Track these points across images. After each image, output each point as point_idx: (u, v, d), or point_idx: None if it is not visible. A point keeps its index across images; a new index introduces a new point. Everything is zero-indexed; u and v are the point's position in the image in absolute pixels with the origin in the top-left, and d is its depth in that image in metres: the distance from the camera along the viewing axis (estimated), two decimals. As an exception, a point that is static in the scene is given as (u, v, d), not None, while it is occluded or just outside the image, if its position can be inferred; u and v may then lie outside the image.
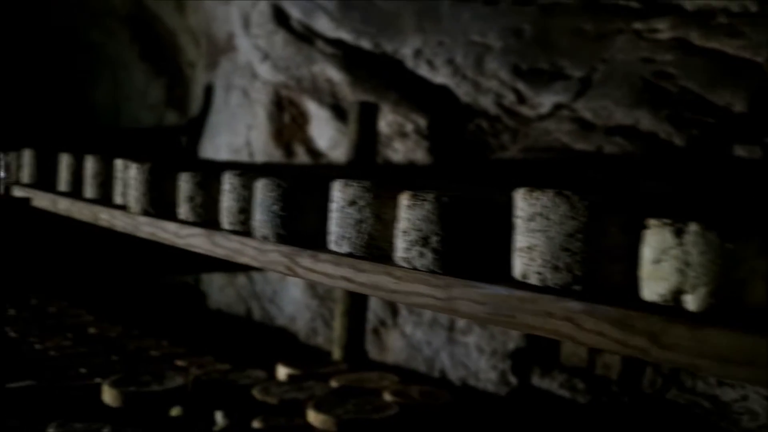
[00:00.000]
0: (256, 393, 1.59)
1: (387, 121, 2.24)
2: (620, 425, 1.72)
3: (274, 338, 2.78)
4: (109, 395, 1.53)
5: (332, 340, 2.47)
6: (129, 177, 1.05)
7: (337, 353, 1.92)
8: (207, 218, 0.91)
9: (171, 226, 0.94)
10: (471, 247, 0.57)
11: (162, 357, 1.96)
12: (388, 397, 1.59)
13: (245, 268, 2.06)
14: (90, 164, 1.17)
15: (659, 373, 1.72)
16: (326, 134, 2.52)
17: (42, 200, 1.29)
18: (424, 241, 0.59)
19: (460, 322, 2.17)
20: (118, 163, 1.09)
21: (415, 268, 0.60)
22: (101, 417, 1.45)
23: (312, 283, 0.68)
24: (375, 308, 2.28)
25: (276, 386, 1.64)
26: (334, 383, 1.69)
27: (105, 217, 1.08)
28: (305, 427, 1.44)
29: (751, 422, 1.56)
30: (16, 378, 1.62)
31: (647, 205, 0.48)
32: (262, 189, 0.75)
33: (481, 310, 0.54)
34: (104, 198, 1.16)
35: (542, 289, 0.51)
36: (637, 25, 1.81)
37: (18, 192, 1.41)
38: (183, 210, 0.93)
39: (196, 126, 3.00)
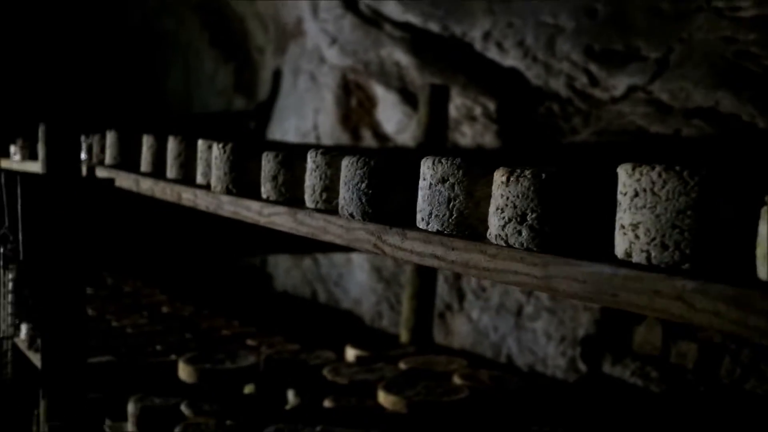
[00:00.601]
0: (326, 373, 1.61)
1: (455, 104, 2.23)
2: (696, 416, 1.68)
3: (340, 321, 2.80)
4: (184, 372, 1.57)
5: (398, 323, 2.48)
6: (211, 157, 1.06)
7: (404, 336, 1.93)
8: (290, 197, 0.92)
9: (254, 204, 0.95)
10: (570, 225, 0.56)
11: (233, 336, 2.00)
12: (457, 380, 1.59)
13: (323, 248, 2.07)
14: (172, 145, 1.19)
15: (738, 363, 1.67)
16: (394, 118, 2.51)
17: (125, 180, 1.33)
18: (520, 219, 0.58)
19: (528, 308, 2.15)
20: (200, 143, 1.11)
21: (510, 246, 0.59)
22: (178, 392, 1.49)
23: (399, 261, 0.67)
24: (441, 293, 2.28)
25: (346, 367, 1.65)
26: (402, 366, 1.69)
27: (188, 196, 1.10)
28: (376, 407, 1.44)
29: (837, 416, 1.50)
30: (96, 354, 1.68)
31: (763, 180, 0.46)
32: (349, 167, 0.76)
33: (581, 289, 0.53)
34: (186, 178, 1.18)
35: (649, 268, 0.49)
36: (718, 3, 1.75)
37: (101, 173, 1.45)
38: (266, 189, 0.94)
39: (265, 110, 3.04)
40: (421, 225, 0.70)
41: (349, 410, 1.42)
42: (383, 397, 1.46)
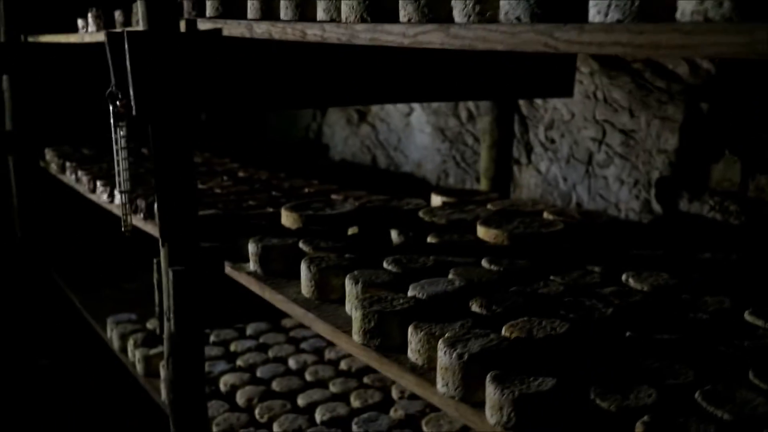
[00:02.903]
0: (422, 215, 1.69)
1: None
2: (773, 244, 1.75)
3: (402, 183, 2.88)
4: (288, 219, 1.65)
5: (465, 180, 2.54)
6: (334, -9, 1.09)
7: (484, 184, 2.00)
8: (432, 17, 0.95)
9: (395, 27, 0.98)
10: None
11: (317, 193, 2.08)
12: (549, 216, 1.66)
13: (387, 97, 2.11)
14: (286, -15, 1.21)
15: (818, 193, 1.72)
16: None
17: (236, 28, 1.35)
18: (722, -8, 0.61)
19: (599, 156, 2.19)
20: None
21: (708, 20, 0.63)
22: (287, 236, 1.57)
23: (577, 51, 0.68)
24: (509, 147, 2.32)
25: (440, 209, 1.73)
26: (491, 207, 1.76)
27: (315, 31, 1.13)
28: (478, 241, 1.52)
29: None
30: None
31: None
32: (513, -28, 0.78)
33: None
34: (303, 18, 1.21)
35: None
36: None
37: (203, 25, 1.48)
38: (406, 12, 0.97)
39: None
40: (597, 19, 0.73)
41: (454, 243, 1.50)
42: (484, 232, 1.53)
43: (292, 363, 2.12)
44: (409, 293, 1.21)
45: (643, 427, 0.80)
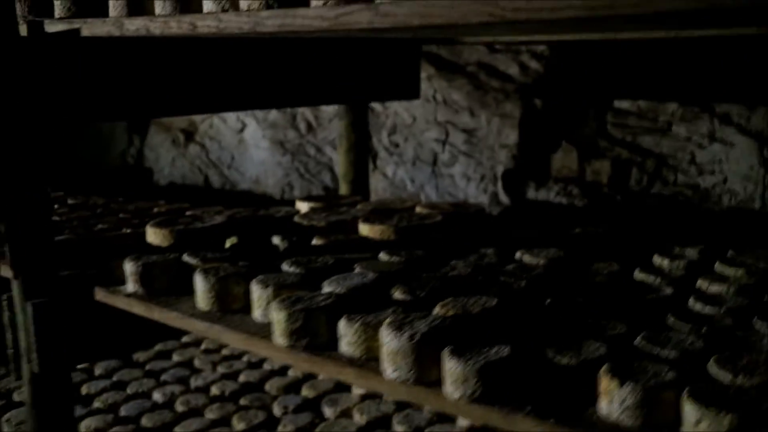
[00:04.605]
0: (298, 220, 1.65)
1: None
2: (614, 219, 1.93)
3: (241, 200, 2.79)
4: (157, 236, 1.53)
5: (311, 190, 2.53)
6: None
7: (344, 189, 2.00)
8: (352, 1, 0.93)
9: (310, 11, 0.96)
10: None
11: (171, 212, 1.95)
12: (422, 210, 1.70)
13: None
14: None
15: (644, 172, 1.93)
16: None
17: (100, 27, 1.24)
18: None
19: (443, 156, 2.29)
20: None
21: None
22: (159, 251, 1.46)
23: (524, 17, 0.70)
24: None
25: (314, 214, 1.70)
26: (363, 207, 1.77)
27: (209, 23, 1.07)
28: (364, 239, 1.52)
29: (732, 201, 1.81)
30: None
31: None
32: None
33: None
34: (186, 11, 1.14)
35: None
36: None
37: (53, 27, 1.33)
38: (322, -4, 0.95)
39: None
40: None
41: (342, 242, 1.48)
42: (369, 229, 1.53)
43: (158, 396, 1.96)
44: (325, 290, 1.18)
45: (610, 374, 0.84)
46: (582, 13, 0.74)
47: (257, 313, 1.20)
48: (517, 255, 1.36)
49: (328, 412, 1.82)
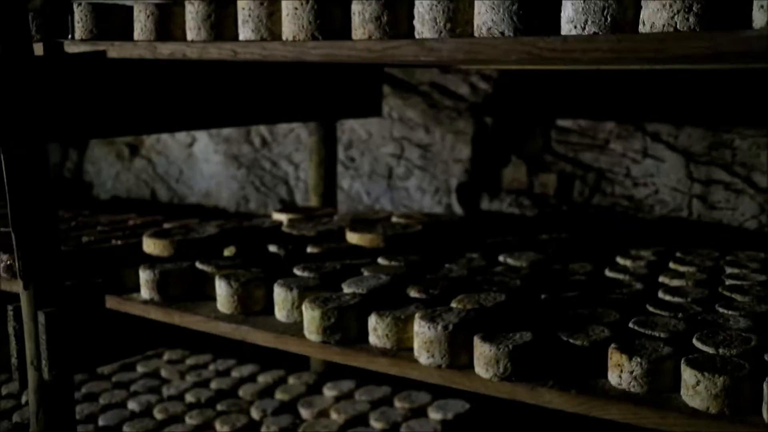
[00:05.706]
0: (286, 230, 1.76)
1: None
2: (563, 227, 2.14)
3: (191, 213, 2.84)
4: (157, 246, 1.60)
5: (266, 204, 2.63)
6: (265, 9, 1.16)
7: (314, 200, 2.12)
8: (395, 33, 1.07)
9: (358, 44, 1.08)
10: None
11: (146, 224, 2.01)
12: (400, 220, 1.85)
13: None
14: (199, 6, 1.23)
15: (586, 184, 2.16)
16: None
17: (132, 50, 1.31)
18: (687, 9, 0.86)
19: (399, 169, 2.45)
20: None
21: (677, 30, 0.87)
22: (163, 261, 1.54)
23: (559, 57, 0.83)
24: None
25: (299, 224, 1.82)
26: (340, 218, 1.90)
27: (254, 50, 1.17)
28: (355, 246, 1.65)
29: (662, 210, 2.06)
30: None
31: None
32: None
33: (747, 49, 0.83)
34: (219, 37, 1.24)
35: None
36: None
37: (72, 48, 1.40)
38: (367, 30, 1.08)
39: None
40: (573, 32, 0.94)
41: (336, 250, 1.60)
42: (358, 238, 1.67)
43: (133, 406, 2.01)
44: (347, 291, 1.30)
45: (619, 350, 1.02)
46: (607, 55, 0.92)
47: (281, 314, 1.32)
48: (501, 258, 1.53)
49: (305, 413, 1.94)
